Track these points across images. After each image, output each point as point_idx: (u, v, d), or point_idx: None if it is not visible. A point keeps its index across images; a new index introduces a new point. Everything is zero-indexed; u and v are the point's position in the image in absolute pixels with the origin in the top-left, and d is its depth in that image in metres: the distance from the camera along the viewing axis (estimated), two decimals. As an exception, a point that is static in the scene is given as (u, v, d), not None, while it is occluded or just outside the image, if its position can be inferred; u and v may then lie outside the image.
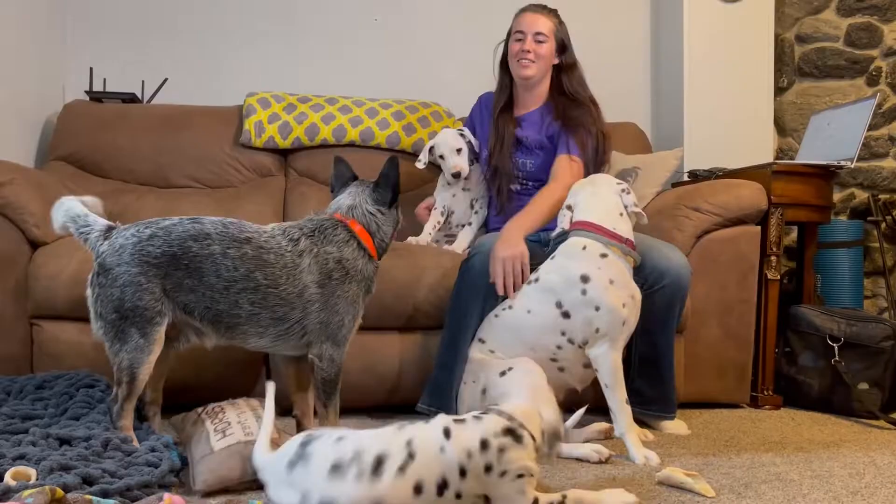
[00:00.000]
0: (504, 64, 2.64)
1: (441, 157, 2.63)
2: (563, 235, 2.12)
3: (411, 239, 2.64)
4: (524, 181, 2.55)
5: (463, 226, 2.68)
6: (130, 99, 3.21)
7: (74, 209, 1.80)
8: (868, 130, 3.49)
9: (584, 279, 1.97)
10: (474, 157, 2.68)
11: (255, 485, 1.56)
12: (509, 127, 2.56)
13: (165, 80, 3.29)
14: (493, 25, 3.60)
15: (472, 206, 2.67)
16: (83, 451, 1.54)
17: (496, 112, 2.60)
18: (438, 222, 2.67)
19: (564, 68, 2.58)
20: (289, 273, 1.82)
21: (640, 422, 2.24)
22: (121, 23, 3.42)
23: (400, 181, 2.01)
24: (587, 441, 2.05)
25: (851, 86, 3.77)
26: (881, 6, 3.75)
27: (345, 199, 1.98)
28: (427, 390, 2.22)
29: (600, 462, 1.88)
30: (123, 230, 1.79)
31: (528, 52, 2.51)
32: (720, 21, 3.52)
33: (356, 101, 3.18)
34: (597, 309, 1.96)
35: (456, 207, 2.69)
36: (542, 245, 2.30)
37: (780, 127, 3.81)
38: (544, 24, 2.53)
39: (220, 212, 3.02)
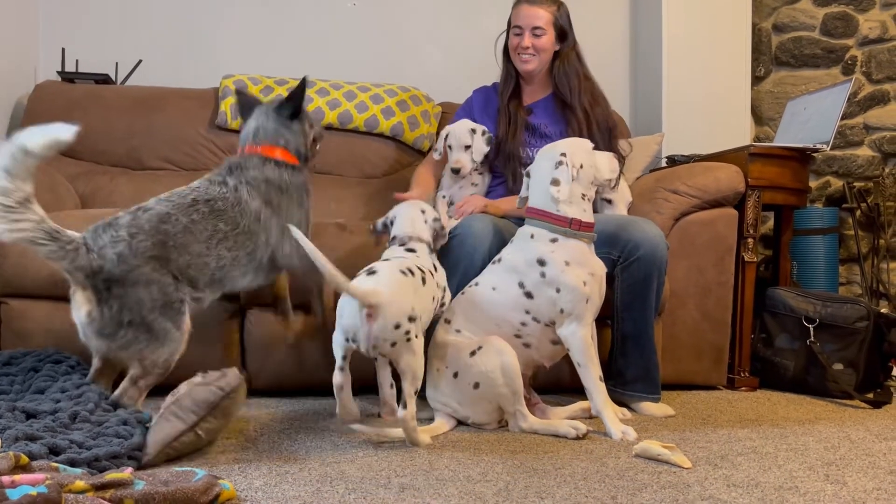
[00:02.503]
0: (507, 53, 2.64)
1: (449, 147, 2.57)
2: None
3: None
4: None
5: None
6: (103, 80, 3.15)
7: (46, 224, 1.63)
8: (843, 119, 3.54)
9: (541, 262, 1.98)
10: (491, 155, 2.59)
11: (198, 431, 1.59)
12: (520, 114, 2.56)
13: (140, 61, 3.25)
14: (471, 9, 3.62)
15: None
16: (50, 423, 1.50)
17: (505, 100, 2.59)
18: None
19: (562, 56, 2.57)
20: (240, 210, 1.96)
21: (624, 404, 2.24)
22: (94, 3, 3.36)
23: (304, 97, 2.15)
24: (570, 419, 2.04)
25: (827, 75, 3.81)
26: (856, -4, 3.80)
27: (250, 124, 2.13)
28: None
29: (578, 438, 1.87)
30: (91, 238, 1.74)
31: (528, 47, 2.52)
32: (698, 9, 3.54)
33: (334, 83, 3.15)
34: (557, 290, 1.96)
35: (457, 198, 2.67)
36: None
37: (757, 115, 3.84)
38: (541, 17, 2.52)
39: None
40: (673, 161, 3.10)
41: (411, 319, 1.71)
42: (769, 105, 3.84)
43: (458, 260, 2.18)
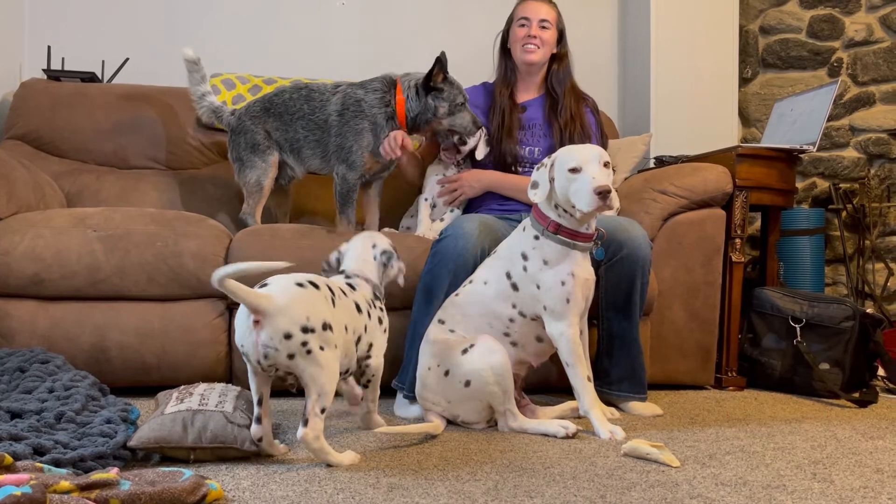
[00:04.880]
0: (504, 49, 2.67)
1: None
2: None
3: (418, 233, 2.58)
4: (531, 164, 2.55)
5: (442, 219, 2.65)
6: (90, 78, 3.12)
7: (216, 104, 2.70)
8: (829, 121, 3.57)
9: (524, 257, 2.01)
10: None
11: (191, 454, 1.57)
12: (515, 112, 2.59)
13: (126, 59, 3.22)
14: (459, 9, 3.62)
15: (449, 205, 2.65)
16: (35, 423, 1.49)
17: (502, 98, 2.61)
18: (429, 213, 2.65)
19: (559, 58, 2.64)
20: (322, 104, 2.52)
21: (612, 403, 2.24)
22: (81, 1, 3.33)
23: (436, 71, 2.45)
24: (559, 419, 2.04)
25: (814, 77, 3.83)
26: (842, -2, 3.83)
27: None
28: (401, 368, 2.25)
29: (567, 437, 1.87)
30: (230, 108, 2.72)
31: (535, 37, 2.56)
32: (686, 11, 3.56)
33: (322, 83, 3.13)
34: (538, 287, 1.98)
35: (440, 202, 2.66)
36: None
37: (745, 117, 3.86)
38: (548, 12, 2.60)
39: (182, 194, 2.97)
40: (661, 162, 3.12)
41: (306, 330, 1.52)
42: (756, 106, 3.86)
43: (449, 260, 2.18)
